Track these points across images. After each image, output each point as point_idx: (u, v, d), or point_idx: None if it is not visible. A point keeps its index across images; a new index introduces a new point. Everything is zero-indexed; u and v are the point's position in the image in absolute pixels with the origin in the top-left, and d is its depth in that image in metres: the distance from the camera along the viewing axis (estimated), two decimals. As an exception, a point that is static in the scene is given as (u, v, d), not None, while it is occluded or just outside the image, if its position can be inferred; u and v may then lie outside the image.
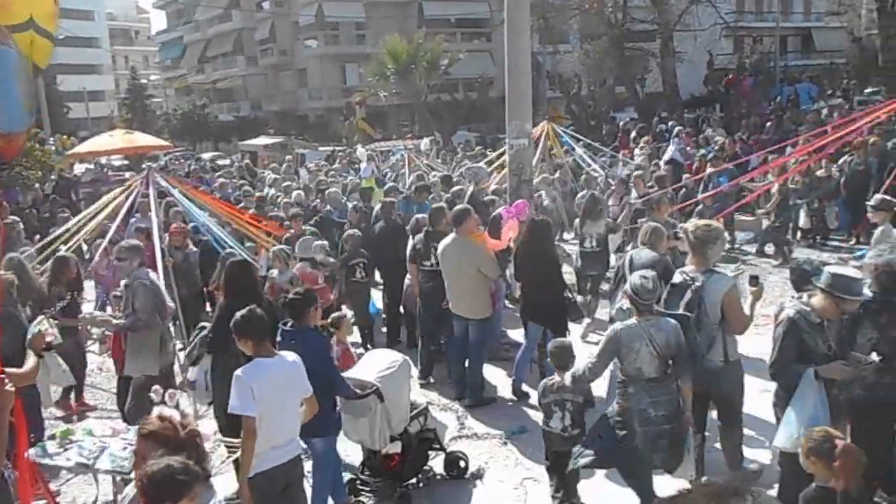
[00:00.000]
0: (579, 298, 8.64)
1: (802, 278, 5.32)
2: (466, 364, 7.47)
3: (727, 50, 38.27)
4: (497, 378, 7.80)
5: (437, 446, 5.89)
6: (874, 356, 4.53)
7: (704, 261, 5.08)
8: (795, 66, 40.26)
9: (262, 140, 34.81)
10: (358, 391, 5.27)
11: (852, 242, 12.20)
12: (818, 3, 47.54)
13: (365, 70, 34.50)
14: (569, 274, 8.81)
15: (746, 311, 5.12)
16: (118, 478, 4.93)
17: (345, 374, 5.32)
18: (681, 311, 4.90)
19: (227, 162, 29.35)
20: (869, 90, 22.89)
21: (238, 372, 4.35)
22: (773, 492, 4.97)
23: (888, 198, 8.00)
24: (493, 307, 7.56)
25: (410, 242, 8.29)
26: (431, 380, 8.00)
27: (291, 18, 46.63)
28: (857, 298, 4.56)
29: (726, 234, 11.51)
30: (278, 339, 5.08)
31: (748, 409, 5.49)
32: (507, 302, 9.05)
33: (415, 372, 7.89)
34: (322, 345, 5.34)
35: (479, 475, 6.03)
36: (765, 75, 31.08)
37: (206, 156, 34.73)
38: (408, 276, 8.43)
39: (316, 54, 46.06)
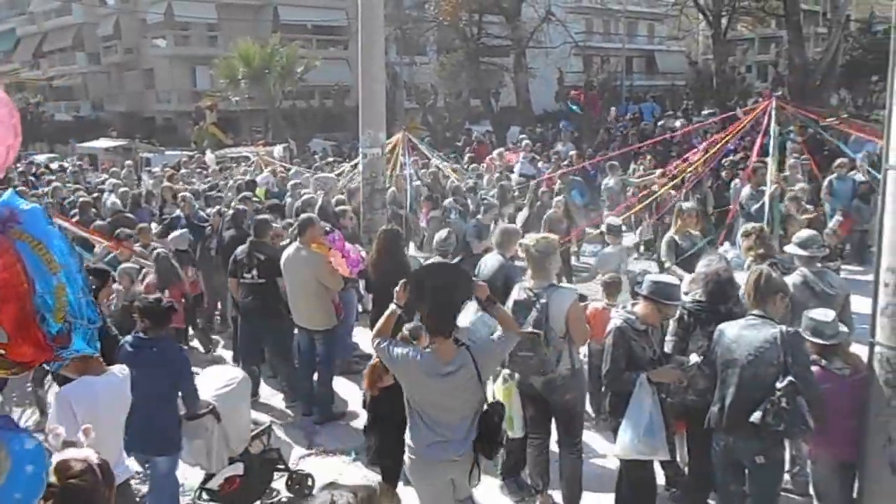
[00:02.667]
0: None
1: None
2: (314, 378, 7.24)
3: (577, 68, 40.07)
4: (347, 392, 7.59)
5: (282, 466, 5.64)
6: (693, 357, 4.75)
7: (546, 274, 5.09)
8: (640, 86, 42.69)
9: (104, 142, 32.70)
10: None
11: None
12: (660, 27, 50.86)
13: (216, 73, 33.20)
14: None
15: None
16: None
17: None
18: (529, 328, 4.90)
19: (56, 165, 27.18)
20: (706, 111, 24.55)
21: (60, 390, 3.96)
22: (611, 496, 5.11)
23: (616, 223, 8.60)
24: (339, 318, 7.37)
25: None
26: (260, 398, 7.63)
27: (138, 16, 44.19)
28: (677, 303, 4.83)
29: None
30: (130, 347, 4.77)
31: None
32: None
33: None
34: (182, 356, 5.04)
35: (326, 494, 5.81)
36: (611, 93, 32.71)
37: (41, 158, 32.22)
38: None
39: (164, 54, 43.93)
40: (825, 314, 4.54)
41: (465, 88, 31.71)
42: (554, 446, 5.34)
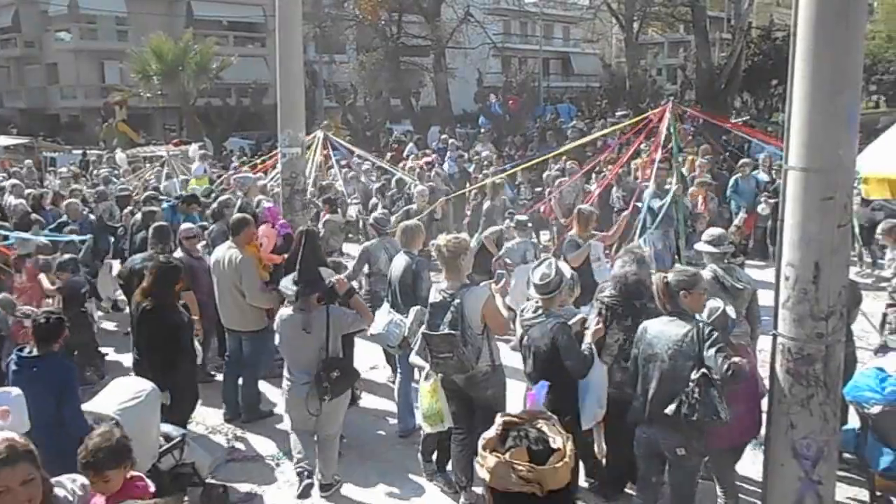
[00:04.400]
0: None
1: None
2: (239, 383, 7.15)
3: (495, 69, 40.53)
4: (272, 396, 7.49)
5: (197, 481, 5.36)
6: (584, 309, 5.27)
7: (458, 275, 5.19)
8: (557, 88, 43.48)
9: (3, 140, 31.11)
10: (95, 427, 4.73)
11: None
12: (575, 30, 51.93)
13: (129, 68, 32.03)
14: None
15: (504, 312, 5.38)
16: None
17: (83, 406, 4.76)
18: (446, 329, 5.03)
19: None
20: (620, 113, 25.23)
21: None
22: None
23: (524, 219, 9.27)
24: (266, 320, 7.25)
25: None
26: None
27: (39, 7, 42.07)
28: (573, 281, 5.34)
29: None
30: (14, 366, 4.53)
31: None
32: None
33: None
34: (70, 374, 4.78)
35: (248, 500, 5.74)
36: (529, 94, 33.21)
37: (-65, 157, 30.44)
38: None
39: (69, 48, 41.97)
40: (709, 312, 4.80)
41: (385, 88, 31.57)
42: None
